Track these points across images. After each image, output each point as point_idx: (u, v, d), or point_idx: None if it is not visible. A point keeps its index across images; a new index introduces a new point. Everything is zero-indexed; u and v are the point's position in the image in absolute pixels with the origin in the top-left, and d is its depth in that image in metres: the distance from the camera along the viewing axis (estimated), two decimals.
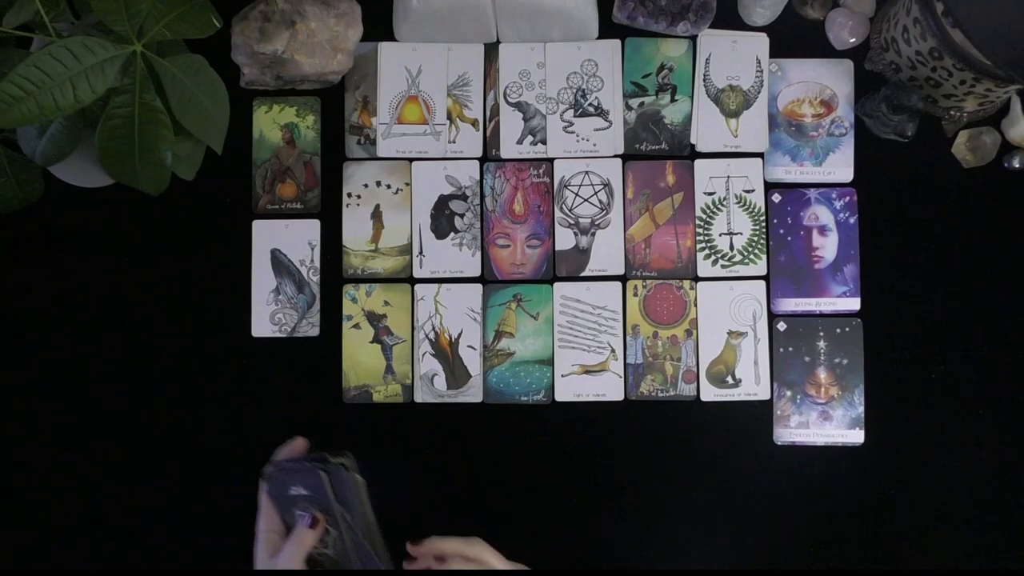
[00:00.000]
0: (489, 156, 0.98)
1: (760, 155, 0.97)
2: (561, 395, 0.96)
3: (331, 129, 0.98)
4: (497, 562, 0.81)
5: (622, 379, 0.96)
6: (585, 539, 0.95)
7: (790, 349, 0.95)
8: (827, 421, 0.95)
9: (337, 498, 0.79)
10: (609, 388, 0.96)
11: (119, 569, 0.95)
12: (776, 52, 0.98)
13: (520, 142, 0.98)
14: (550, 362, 0.96)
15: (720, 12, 0.97)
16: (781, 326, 0.96)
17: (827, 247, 0.96)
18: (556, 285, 0.97)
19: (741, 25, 0.99)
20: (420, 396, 0.96)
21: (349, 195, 0.98)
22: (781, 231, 0.97)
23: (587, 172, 0.98)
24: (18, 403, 0.95)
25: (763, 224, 0.97)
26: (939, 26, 0.85)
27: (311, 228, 0.97)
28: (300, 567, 0.75)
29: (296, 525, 0.77)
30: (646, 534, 0.94)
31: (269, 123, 0.98)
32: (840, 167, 0.97)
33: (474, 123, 0.98)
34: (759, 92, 0.98)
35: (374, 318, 0.96)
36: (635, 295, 0.96)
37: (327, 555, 0.78)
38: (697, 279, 0.97)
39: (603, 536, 0.94)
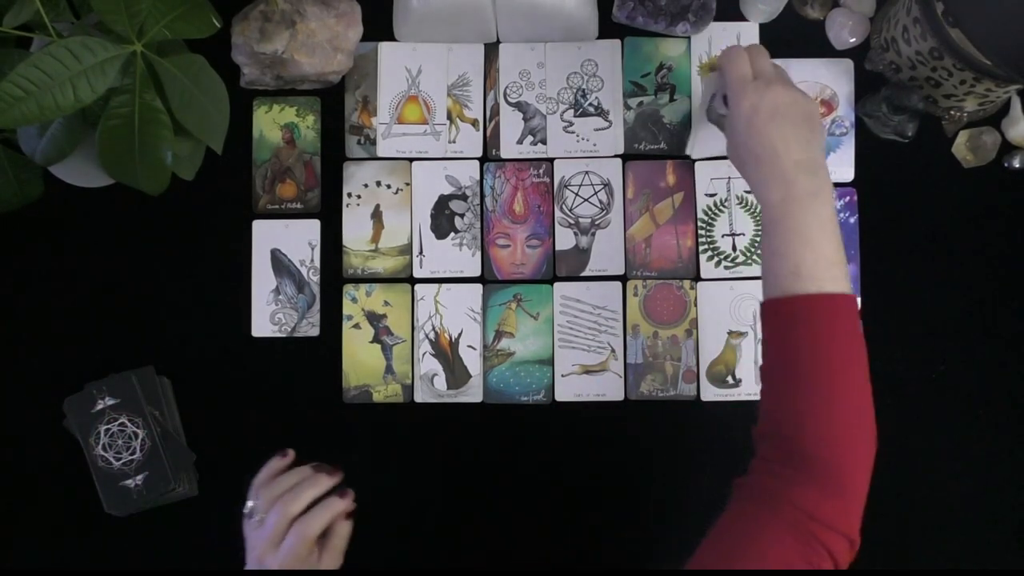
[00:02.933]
0: (489, 156, 0.98)
1: None
2: (561, 395, 0.96)
3: (331, 129, 0.98)
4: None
5: (622, 379, 0.96)
6: (585, 539, 0.95)
7: None
8: None
9: (146, 399, 0.88)
10: (609, 388, 0.96)
11: (119, 569, 0.95)
12: (776, 52, 0.98)
13: (520, 142, 0.98)
14: (550, 362, 0.96)
15: (720, 12, 0.97)
16: None
17: None
18: (556, 285, 0.97)
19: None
20: (420, 396, 0.96)
21: (349, 195, 0.98)
22: None
23: (587, 172, 0.98)
24: (18, 403, 0.95)
25: None
26: (939, 26, 0.85)
27: (311, 228, 0.97)
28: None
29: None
30: (646, 534, 0.94)
31: (269, 123, 0.98)
32: (840, 167, 0.97)
33: (474, 123, 0.98)
34: None
35: (374, 318, 0.96)
36: (635, 295, 0.96)
37: (136, 459, 0.84)
38: (698, 279, 0.97)
39: (603, 536, 0.94)
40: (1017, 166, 0.96)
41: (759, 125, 0.75)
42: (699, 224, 0.97)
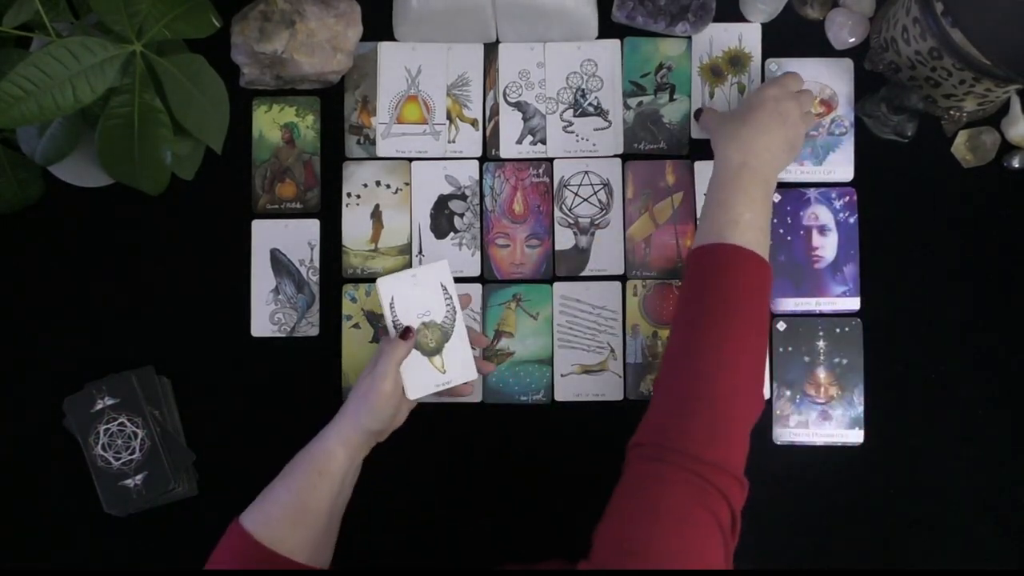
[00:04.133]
0: (489, 156, 0.98)
1: None
2: (561, 395, 0.96)
3: (331, 129, 0.98)
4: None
5: (621, 379, 0.96)
6: (585, 539, 0.95)
7: (790, 349, 0.95)
8: (826, 421, 0.95)
9: (146, 399, 0.89)
10: (609, 388, 0.96)
11: (119, 569, 0.95)
12: (776, 52, 0.98)
13: (520, 142, 0.98)
14: (550, 362, 0.96)
15: (720, 12, 0.97)
16: (781, 326, 0.96)
17: (827, 247, 0.96)
18: (556, 285, 0.97)
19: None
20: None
21: (349, 195, 0.98)
22: (781, 231, 0.97)
23: (587, 172, 0.97)
24: (18, 403, 0.95)
25: None
26: (939, 26, 0.85)
27: (311, 228, 0.97)
28: (395, 379, 0.81)
29: (383, 339, 0.84)
30: None
31: (269, 123, 0.98)
32: (840, 166, 0.97)
33: (474, 123, 0.98)
34: None
35: (374, 318, 0.96)
36: (635, 295, 0.96)
37: (137, 458, 0.86)
38: None
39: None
40: (1016, 166, 0.96)
41: (770, 107, 0.85)
42: (699, 224, 0.97)
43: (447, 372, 0.85)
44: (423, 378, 0.85)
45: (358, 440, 0.81)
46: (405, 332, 0.83)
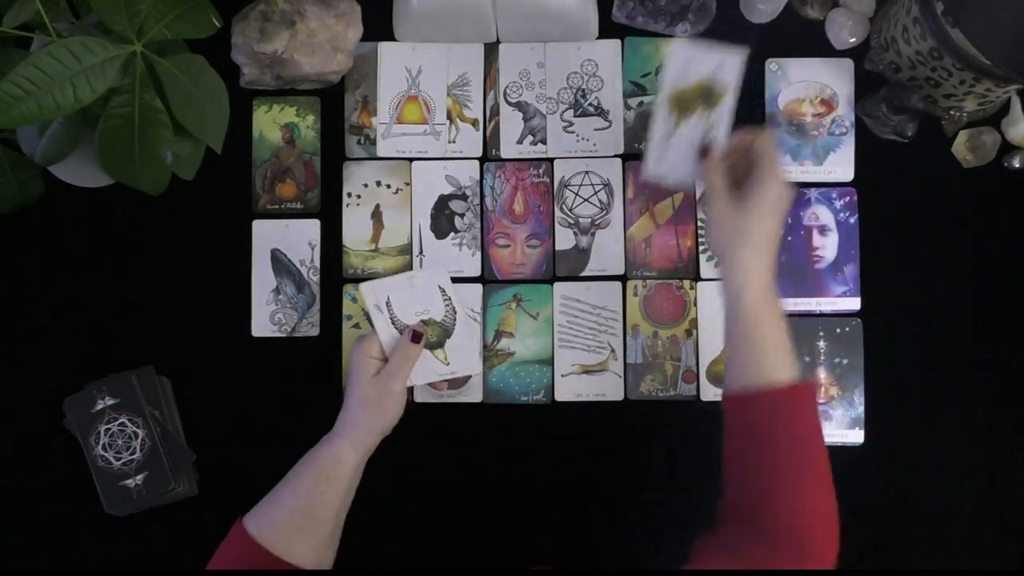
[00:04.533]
0: (489, 156, 0.98)
1: None
2: (561, 395, 0.96)
3: (331, 129, 0.98)
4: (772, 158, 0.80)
5: (622, 379, 0.96)
6: (585, 539, 0.95)
7: None
8: (827, 421, 0.95)
9: (146, 399, 0.89)
10: (609, 388, 0.96)
11: (119, 569, 0.95)
12: (776, 52, 0.98)
13: (520, 142, 0.98)
14: (550, 362, 0.96)
15: (720, 12, 0.97)
16: None
17: (827, 247, 0.96)
18: (556, 285, 0.97)
19: (741, 25, 0.99)
20: (420, 396, 0.96)
21: (349, 195, 0.98)
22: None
23: (587, 172, 0.97)
24: (18, 403, 0.95)
25: None
26: (939, 26, 0.85)
27: (311, 228, 0.97)
28: (405, 379, 0.81)
29: (398, 341, 0.83)
30: (646, 534, 0.94)
31: (269, 123, 0.98)
32: (840, 166, 0.97)
33: (474, 123, 0.98)
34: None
35: None
36: (635, 295, 0.96)
37: (136, 459, 0.86)
38: (698, 279, 0.97)
39: (603, 536, 0.94)
40: (1017, 166, 0.96)
41: (780, 214, 0.78)
42: (699, 224, 0.97)
43: (451, 364, 0.86)
44: (426, 368, 0.85)
45: (369, 443, 0.81)
46: (415, 336, 0.83)
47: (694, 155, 0.84)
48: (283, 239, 0.97)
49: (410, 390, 0.96)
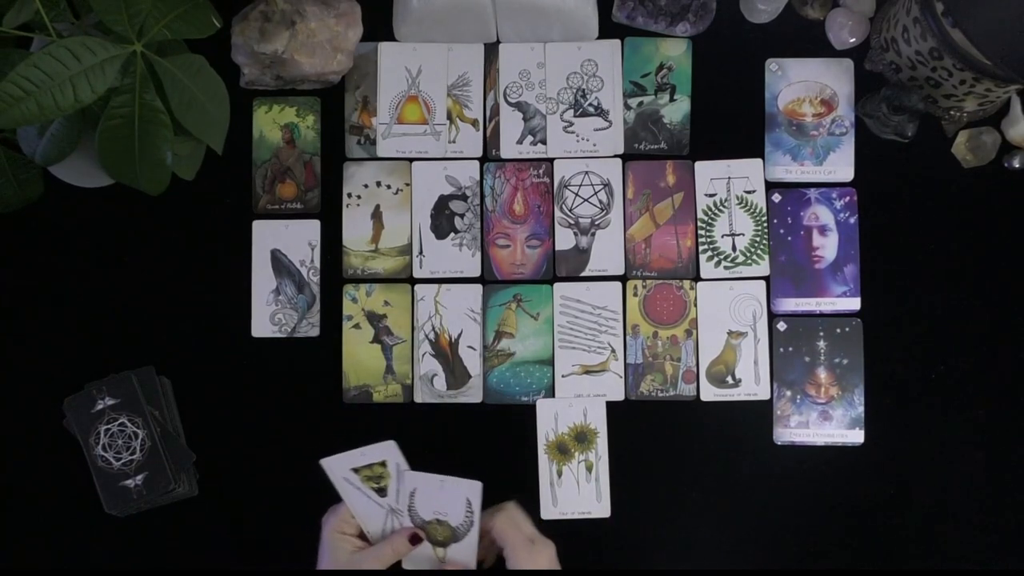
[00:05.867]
0: (489, 156, 0.98)
1: (760, 155, 0.97)
2: (561, 395, 0.96)
3: (331, 129, 0.98)
4: (519, 540, 0.79)
5: (622, 379, 0.96)
6: (584, 539, 0.95)
7: (790, 349, 0.95)
8: (827, 421, 0.95)
9: (146, 399, 0.89)
10: (609, 388, 0.96)
11: (119, 569, 0.95)
12: (776, 52, 0.98)
13: (520, 142, 0.98)
14: (550, 362, 0.96)
15: (720, 12, 0.97)
16: (781, 326, 0.96)
17: (827, 247, 0.96)
18: (556, 285, 0.97)
19: (741, 25, 0.99)
20: (420, 396, 0.96)
21: (349, 195, 0.98)
22: (781, 231, 0.97)
23: (587, 172, 0.98)
24: (18, 403, 0.95)
25: (765, 224, 0.97)
26: (939, 26, 0.85)
27: (311, 228, 0.97)
28: (386, 567, 0.78)
29: (394, 534, 0.80)
30: (645, 534, 0.94)
31: (269, 123, 0.98)
32: (840, 166, 0.97)
33: (474, 123, 0.98)
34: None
35: (374, 318, 0.96)
36: (635, 295, 0.96)
37: (136, 459, 0.85)
38: (698, 279, 0.97)
39: (602, 536, 0.94)
40: (1017, 166, 0.96)
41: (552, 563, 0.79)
42: (699, 224, 0.97)
43: (446, 562, 0.83)
44: (419, 554, 0.82)
45: None
46: (414, 538, 0.81)
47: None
48: (283, 239, 0.97)
49: (410, 390, 0.96)
